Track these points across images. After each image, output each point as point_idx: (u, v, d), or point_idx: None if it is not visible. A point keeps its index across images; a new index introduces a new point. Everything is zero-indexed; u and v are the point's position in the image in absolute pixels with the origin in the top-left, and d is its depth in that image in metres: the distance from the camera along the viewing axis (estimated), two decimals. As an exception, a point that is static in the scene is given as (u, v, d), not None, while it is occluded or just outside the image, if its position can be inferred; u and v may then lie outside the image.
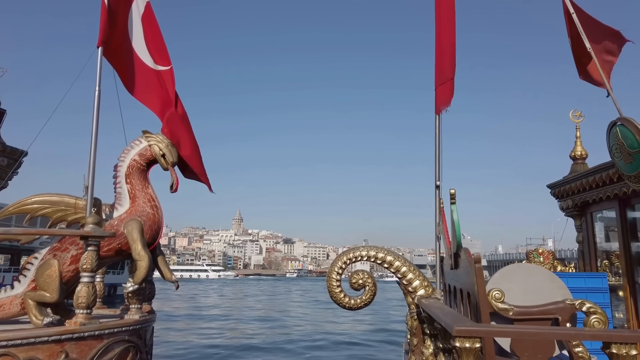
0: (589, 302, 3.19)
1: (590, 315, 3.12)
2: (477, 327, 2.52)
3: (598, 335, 2.60)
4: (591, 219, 7.39)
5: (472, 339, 2.42)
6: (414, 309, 4.36)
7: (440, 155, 4.87)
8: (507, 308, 3.22)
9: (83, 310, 4.65)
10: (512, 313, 3.22)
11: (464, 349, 2.41)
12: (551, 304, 3.25)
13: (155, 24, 6.07)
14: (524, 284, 3.50)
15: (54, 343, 4.38)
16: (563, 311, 3.20)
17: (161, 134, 5.79)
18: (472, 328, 2.47)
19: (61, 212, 5.26)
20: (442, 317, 2.85)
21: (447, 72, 5.26)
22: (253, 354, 18.78)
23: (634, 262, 6.13)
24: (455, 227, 4.02)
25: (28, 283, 5.13)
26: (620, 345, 2.38)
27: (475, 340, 2.43)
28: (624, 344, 2.37)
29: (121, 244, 5.37)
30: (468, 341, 2.41)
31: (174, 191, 5.78)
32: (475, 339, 2.43)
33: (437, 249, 4.63)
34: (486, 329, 2.56)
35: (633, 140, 4.39)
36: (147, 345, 5.63)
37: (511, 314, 3.22)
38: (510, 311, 3.22)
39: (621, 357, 2.37)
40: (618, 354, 2.37)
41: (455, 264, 4.15)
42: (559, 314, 3.20)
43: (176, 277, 5.95)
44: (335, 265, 4.47)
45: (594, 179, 6.69)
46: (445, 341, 3.28)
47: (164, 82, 5.94)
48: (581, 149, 8.13)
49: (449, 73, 5.22)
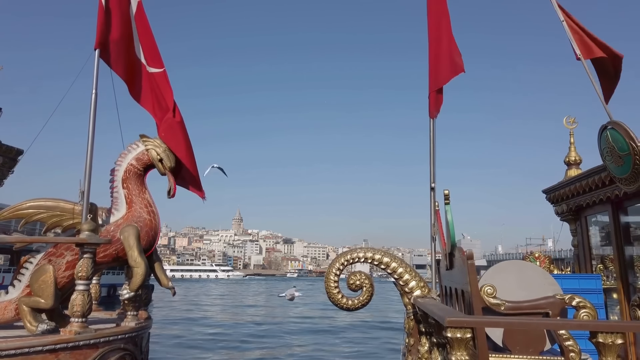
0: (579, 296, 3.24)
1: (580, 310, 3.17)
2: (467, 318, 2.57)
3: (585, 325, 2.65)
4: (585, 223, 7.44)
5: (463, 329, 2.46)
6: (410, 310, 4.39)
7: (434, 158, 4.94)
8: (499, 303, 3.26)
9: (78, 318, 4.62)
10: (504, 308, 3.26)
11: (455, 339, 2.46)
12: (542, 299, 3.29)
13: (146, 26, 6.01)
14: (516, 280, 3.54)
15: (49, 352, 4.35)
16: (553, 305, 3.24)
17: (158, 138, 5.77)
18: (463, 319, 2.52)
19: (57, 217, 5.23)
20: (435, 311, 2.89)
21: (442, 79, 5.35)
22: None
23: (628, 264, 6.17)
24: (450, 228, 4.06)
25: (22, 288, 5.10)
26: (606, 334, 2.43)
27: (466, 330, 2.47)
28: (610, 333, 2.43)
29: (117, 250, 5.36)
30: (459, 331, 2.46)
31: (172, 196, 5.76)
32: (466, 330, 2.47)
33: (432, 250, 4.68)
34: (477, 319, 2.60)
35: (623, 143, 4.48)
36: (143, 352, 5.60)
37: (503, 308, 3.26)
38: (502, 306, 3.26)
39: (607, 345, 2.42)
40: (604, 342, 2.42)
41: (450, 265, 4.19)
42: (550, 308, 3.24)
43: (172, 284, 5.90)
44: (333, 267, 4.51)
45: (587, 183, 6.75)
46: (438, 335, 3.31)
47: (157, 84, 5.92)
48: (575, 154, 8.22)
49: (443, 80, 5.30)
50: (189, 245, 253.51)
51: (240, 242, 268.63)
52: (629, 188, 4.89)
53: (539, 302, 3.27)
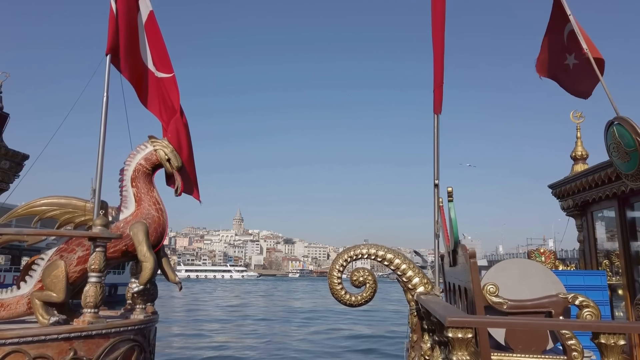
0: (582, 295, 3.26)
1: (583, 309, 3.19)
2: (469, 318, 2.60)
3: (587, 326, 2.67)
4: (591, 219, 7.43)
5: (464, 329, 2.49)
6: (413, 306, 4.43)
7: (438, 154, 4.96)
8: (501, 302, 3.29)
9: (91, 309, 4.76)
10: (506, 307, 3.29)
11: (457, 339, 2.49)
12: (544, 298, 3.32)
13: (158, 32, 6.18)
14: (519, 279, 3.56)
15: (63, 341, 4.48)
16: (556, 304, 3.26)
17: (166, 139, 5.93)
18: (464, 319, 2.55)
19: (69, 214, 5.37)
20: (436, 309, 2.93)
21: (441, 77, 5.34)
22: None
23: (633, 260, 6.17)
24: (453, 225, 4.09)
25: (35, 283, 5.24)
26: (608, 335, 2.44)
27: (468, 330, 2.50)
28: (612, 334, 2.44)
29: (127, 246, 5.49)
30: (460, 331, 2.49)
31: (179, 195, 5.92)
32: (468, 330, 2.50)
33: (435, 247, 4.71)
34: (478, 319, 2.64)
35: (629, 139, 4.46)
36: (151, 344, 5.73)
37: (505, 307, 3.29)
38: (505, 305, 3.29)
39: (609, 346, 2.44)
40: (606, 343, 2.44)
41: (453, 262, 4.22)
42: (552, 307, 3.26)
43: (179, 279, 6.05)
44: (337, 263, 4.56)
45: (593, 178, 6.74)
46: (440, 334, 3.35)
47: (165, 89, 6.07)
48: (582, 149, 8.19)
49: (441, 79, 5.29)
50: (189, 246, 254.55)
51: (240, 242, 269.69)
52: (636, 184, 4.88)
53: (542, 301, 3.30)
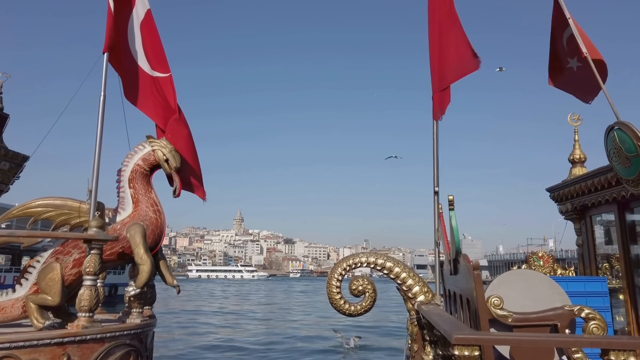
0: (588, 308, 3.21)
1: (589, 322, 3.14)
2: (475, 335, 2.54)
3: (597, 342, 2.62)
4: (590, 223, 7.40)
5: (471, 347, 2.44)
6: (414, 315, 4.38)
7: (438, 161, 4.88)
8: (506, 315, 3.25)
9: (85, 313, 4.67)
10: (511, 320, 3.24)
11: (463, 357, 2.43)
12: (550, 310, 3.27)
13: (154, 32, 6.08)
14: (523, 290, 3.52)
15: (56, 345, 4.40)
16: (562, 317, 3.22)
17: (165, 139, 5.82)
18: (471, 336, 2.49)
19: (64, 215, 5.28)
20: (441, 324, 2.87)
21: (448, 78, 5.24)
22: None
23: (634, 265, 6.15)
24: (454, 233, 4.04)
25: (30, 286, 5.15)
26: (618, 352, 2.39)
27: (474, 348, 2.45)
28: (623, 351, 2.39)
29: (124, 248, 5.40)
30: (467, 349, 2.43)
31: (177, 196, 5.83)
32: (474, 347, 2.45)
33: (436, 255, 4.65)
34: (485, 337, 2.58)
35: (631, 145, 4.41)
36: (148, 349, 5.65)
37: (510, 320, 3.24)
38: (509, 318, 3.25)
39: (619, 364, 2.39)
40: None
41: (454, 270, 4.17)
42: (558, 320, 3.22)
43: (177, 282, 5.95)
44: (335, 272, 4.49)
45: (592, 183, 6.70)
46: (444, 348, 3.30)
47: (161, 89, 5.97)
48: (580, 152, 8.14)
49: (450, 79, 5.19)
50: (189, 246, 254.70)
51: (241, 242, 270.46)
52: (637, 190, 4.84)
53: (547, 314, 3.26)
